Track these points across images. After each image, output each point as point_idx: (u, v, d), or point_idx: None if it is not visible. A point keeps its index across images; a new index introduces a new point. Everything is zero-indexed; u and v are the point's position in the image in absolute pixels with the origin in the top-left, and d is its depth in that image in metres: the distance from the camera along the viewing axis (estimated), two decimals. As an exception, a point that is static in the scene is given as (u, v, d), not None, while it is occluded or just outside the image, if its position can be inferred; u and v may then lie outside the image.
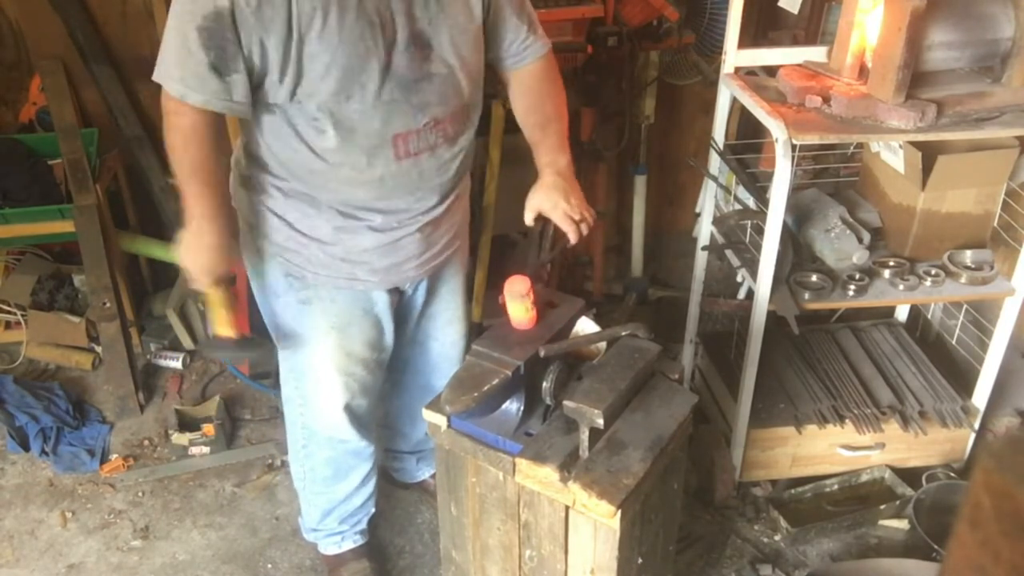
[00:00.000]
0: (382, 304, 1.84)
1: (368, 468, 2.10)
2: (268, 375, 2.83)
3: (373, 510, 2.22)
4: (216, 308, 1.78)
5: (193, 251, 1.65)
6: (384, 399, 2.21)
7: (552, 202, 1.72)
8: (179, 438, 2.62)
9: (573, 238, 1.73)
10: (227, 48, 1.42)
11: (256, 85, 1.49)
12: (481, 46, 1.65)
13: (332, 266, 1.73)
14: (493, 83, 1.84)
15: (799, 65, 2.16)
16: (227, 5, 1.38)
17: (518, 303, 1.57)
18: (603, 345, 1.62)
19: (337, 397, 1.91)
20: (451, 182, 1.73)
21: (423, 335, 2.06)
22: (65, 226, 2.77)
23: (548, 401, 1.53)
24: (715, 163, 2.39)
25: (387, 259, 1.75)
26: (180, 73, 1.45)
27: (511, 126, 2.85)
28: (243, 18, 1.39)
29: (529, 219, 1.75)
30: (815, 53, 2.20)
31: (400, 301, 1.92)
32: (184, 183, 1.59)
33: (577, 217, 1.72)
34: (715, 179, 2.41)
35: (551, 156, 1.76)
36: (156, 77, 1.49)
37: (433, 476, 2.37)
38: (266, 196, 1.69)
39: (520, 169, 2.02)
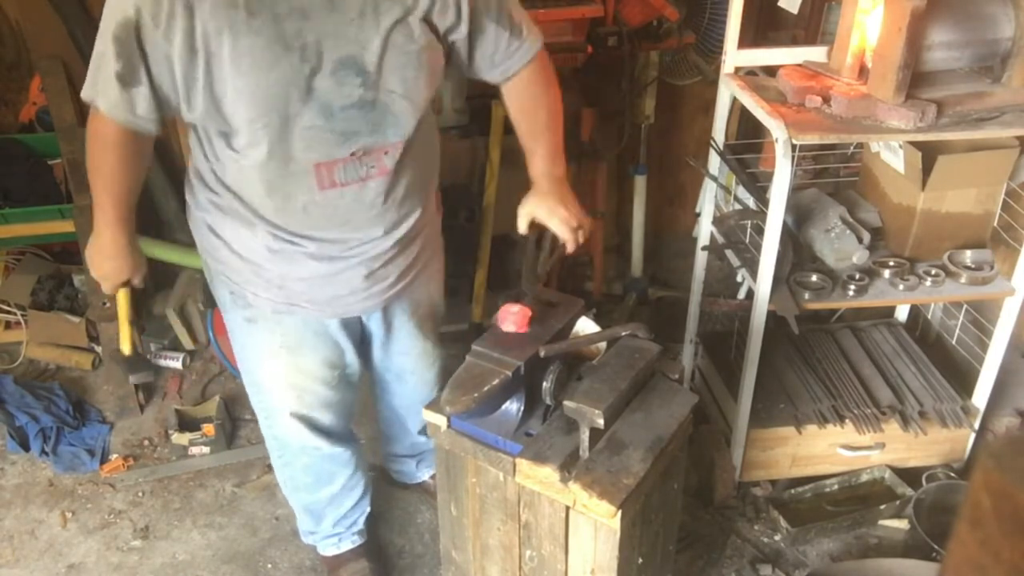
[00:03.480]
0: (335, 327, 1.78)
1: (350, 472, 2.07)
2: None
3: (368, 509, 2.21)
4: (120, 319, 1.86)
5: (95, 257, 1.68)
6: (368, 408, 2.20)
7: (548, 209, 1.66)
8: (179, 438, 2.62)
9: (571, 246, 1.69)
10: (132, 60, 1.37)
11: (164, 102, 1.43)
12: (431, 69, 1.51)
13: (270, 290, 1.68)
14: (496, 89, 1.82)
15: (799, 65, 2.16)
16: (133, 16, 1.34)
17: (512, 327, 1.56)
18: (603, 345, 1.62)
19: (295, 413, 1.87)
20: (396, 214, 1.64)
21: (397, 368, 2.01)
22: (65, 226, 2.77)
23: (548, 401, 1.53)
24: (715, 163, 2.39)
25: (326, 290, 1.68)
26: (93, 78, 1.43)
27: (511, 126, 2.86)
28: (147, 32, 1.34)
29: (523, 227, 1.70)
30: (815, 53, 2.20)
31: (360, 322, 1.85)
32: (92, 187, 1.58)
33: (575, 224, 1.67)
34: (715, 179, 2.41)
35: (545, 165, 1.70)
36: (82, 92, 1.47)
37: (433, 477, 2.37)
38: (206, 213, 1.66)
39: (520, 170, 2.01)
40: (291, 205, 1.54)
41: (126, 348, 1.92)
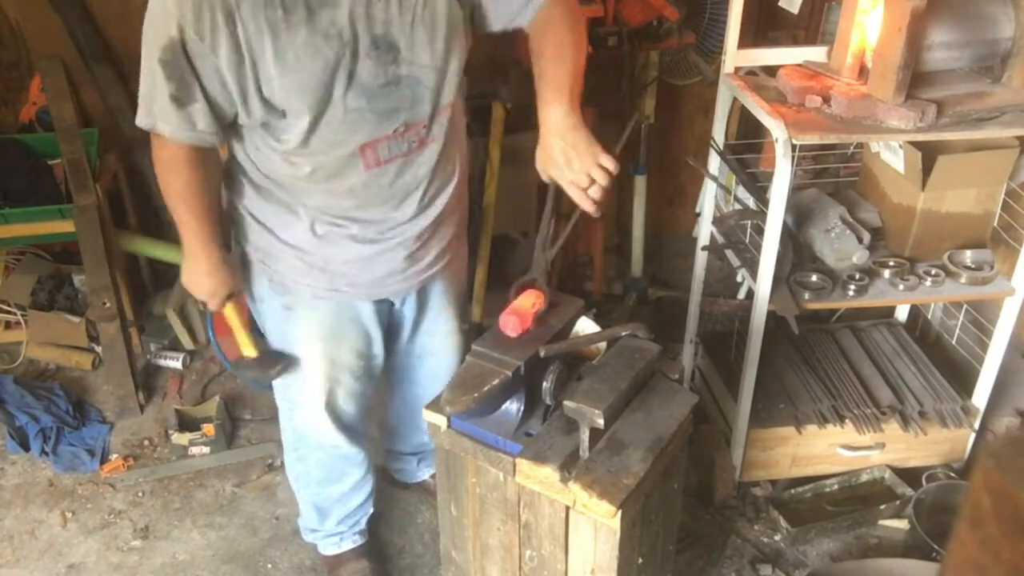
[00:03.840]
0: (368, 314, 1.82)
1: (362, 473, 2.09)
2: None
3: (371, 510, 2.22)
4: (235, 329, 1.85)
5: (194, 277, 1.71)
6: (378, 406, 2.20)
7: (556, 170, 1.48)
8: (179, 438, 2.62)
9: (586, 206, 1.50)
10: (184, 78, 1.40)
11: (221, 113, 1.47)
12: (459, 37, 1.54)
13: (312, 275, 1.71)
14: (493, 83, 1.82)
15: (799, 65, 2.16)
16: (177, 36, 1.36)
17: (526, 312, 1.55)
18: (603, 345, 1.62)
19: (324, 403, 1.90)
20: (433, 190, 1.68)
21: (420, 349, 2.04)
22: (65, 226, 2.77)
23: (548, 401, 1.53)
24: (715, 163, 2.39)
25: (368, 272, 1.72)
26: (148, 105, 1.46)
27: (511, 126, 2.86)
28: (193, 47, 1.37)
29: (545, 178, 1.53)
30: (815, 53, 2.20)
31: (390, 311, 1.90)
32: (173, 211, 1.61)
33: (584, 183, 1.46)
34: (715, 179, 2.41)
35: (553, 96, 1.49)
36: (136, 119, 1.49)
37: (433, 476, 2.37)
38: (247, 200, 1.68)
39: (520, 169, 2.01)
40: (338, 187, 1.58)
41: (251, 352, 1.91)
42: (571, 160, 1.45)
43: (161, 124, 1.46)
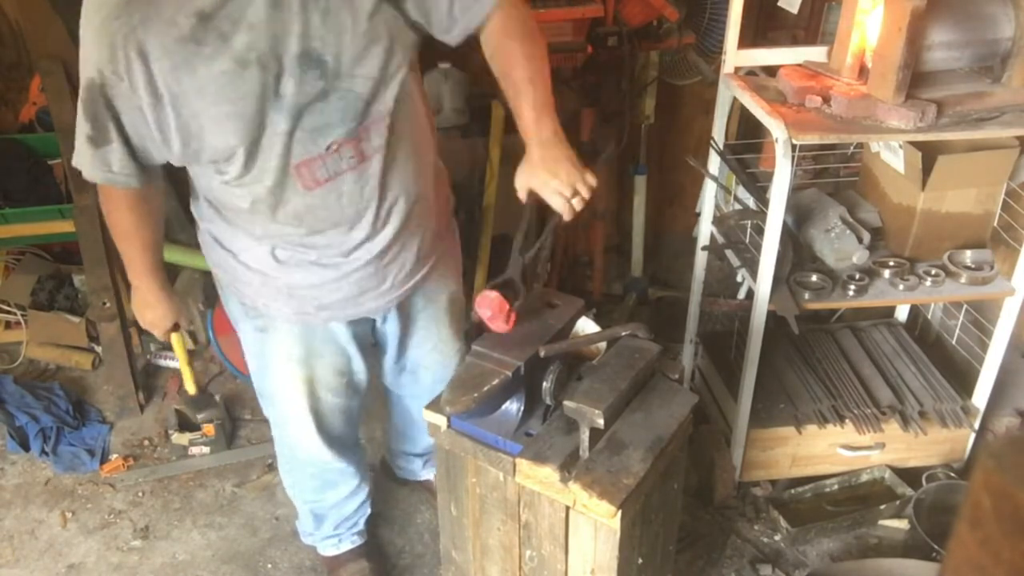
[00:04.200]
0: (343, 335, 1.77)
1: (355, 483, 2.09)
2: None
3: (369, 511, 2.22)
4: (181, 363, 1.98)
5: (139, 308, 1.81)
6: (388, 405, 2.20)
7: (540, 181, 1.49)
8: (179, 438, 2.62)
9: (567, 215, 1.51)
10: (99, 118, 1.38)
11: (142, 153, 1.43)
12: (390, 42, 1.43)
13: (279, 299, 1.67)
14: (493, 83, 1.81)
15: (799, 65, 2.16)
16: (96, 77, 1.34)
17: (498, 320, 1.52)
18: (603, 345, 1.62)
19: (307, 422, 1.88)
20: (388, 204, 1.58)
21: (412, 364, 1.99)
22: (65, 226, 2.77)
23: (548, 401, 1.53)
24: (715, 163, 2.39)
25: (336, 294, 1.66)
26: (76, 145, 1.45)
27: (511, 126, 2.86)
28: (113, 87, 1.34)
29: (523, 196, 1.56)
30: (815, 53, 2.20)
31: (373, 328, 1.85)
32: (118, 246, 1.67)
33: (568, 192, 1.48)
34: (715, 179, 2.41)
35: (532, 125, 1.50)
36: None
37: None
38: (210, 223, 1.65)
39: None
40: (282, 215, 1.52)
41: (191, 388, 2.06)
42: (557, 172, 1.47)
43: (81, 164, 1.46)
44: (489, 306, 1.49)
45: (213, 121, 1.36)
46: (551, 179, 1.48)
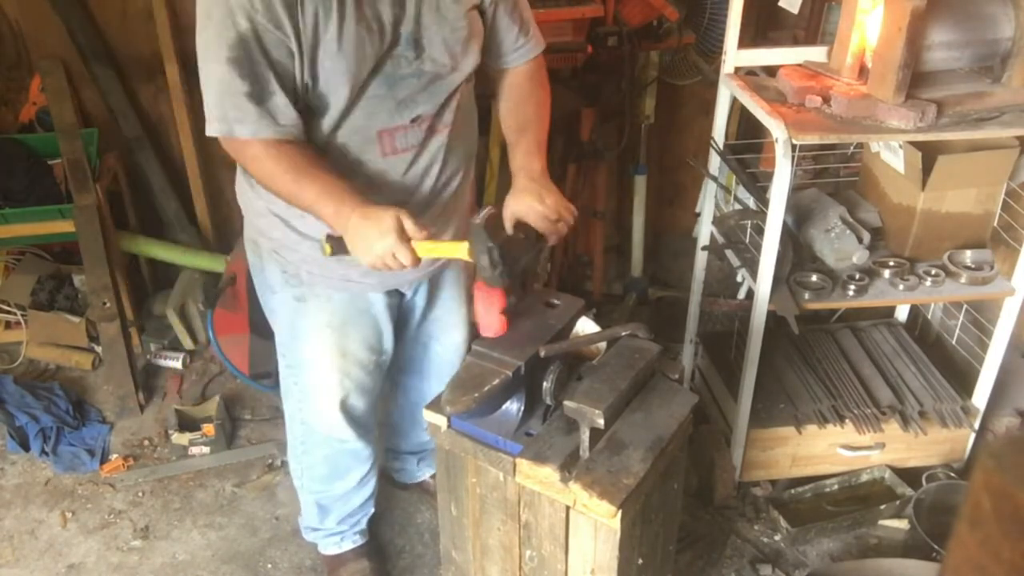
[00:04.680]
0: (379, 306, 1.84)
1: (366, 470, 2.10)
2: (268, 375, 2.83)
3: (372, 510, 2.22)
4: (442, 249, 1.62)
5: (365, 245, 1.47)
6: (384, 401, 2.21)
7: (527, 206, 1.61)
8: (179, 438, 2.62)
9: (552, 239, 1.65)
10: (259, 72, 1.42)
11: (297, 101, 1.48)
12: (474, 46, 1.63)
13: (326, 266, 1.71)
14: (492, 83, 1.83)
15: (799, 65, 2.16)
16: (248, 28, 1.38)
17: (493, 315, 1.53)
18: (603, 345, 1.62)
19: (334, 395, 1.90)
20: (444, 178, 1.71)
21: (425, 336, 2.05)
22: (65, 226, 2.77)
23: (548, 401, 1.53)
24: (715, 163, 2.39)
25: None
26: (220, 112, 1.45)
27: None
28: (268, 35, 1.40)
29: (508, 227, 1.65)
30: (815, 53, 2.20)
31: (400, 303, 1.91)
32: (304, 203, 1.50)
33: (554, 217, 1.60)
34: (715, 179, 2.41)
35: (525, 160, 1.68)
36: (208, 130, 1.48)
37: (433, 476, 2.37)
38: (264, 191, 1.66)
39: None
40: (357, 175, 1.59)
41: (463, 254, 1.56)
42: (544, 199, 1.62)
43: (239, 127, 1.45)
44: (483, 299, 1.52)
45: (329, 72, 1.46)
46: (538, 204, 1.61)
